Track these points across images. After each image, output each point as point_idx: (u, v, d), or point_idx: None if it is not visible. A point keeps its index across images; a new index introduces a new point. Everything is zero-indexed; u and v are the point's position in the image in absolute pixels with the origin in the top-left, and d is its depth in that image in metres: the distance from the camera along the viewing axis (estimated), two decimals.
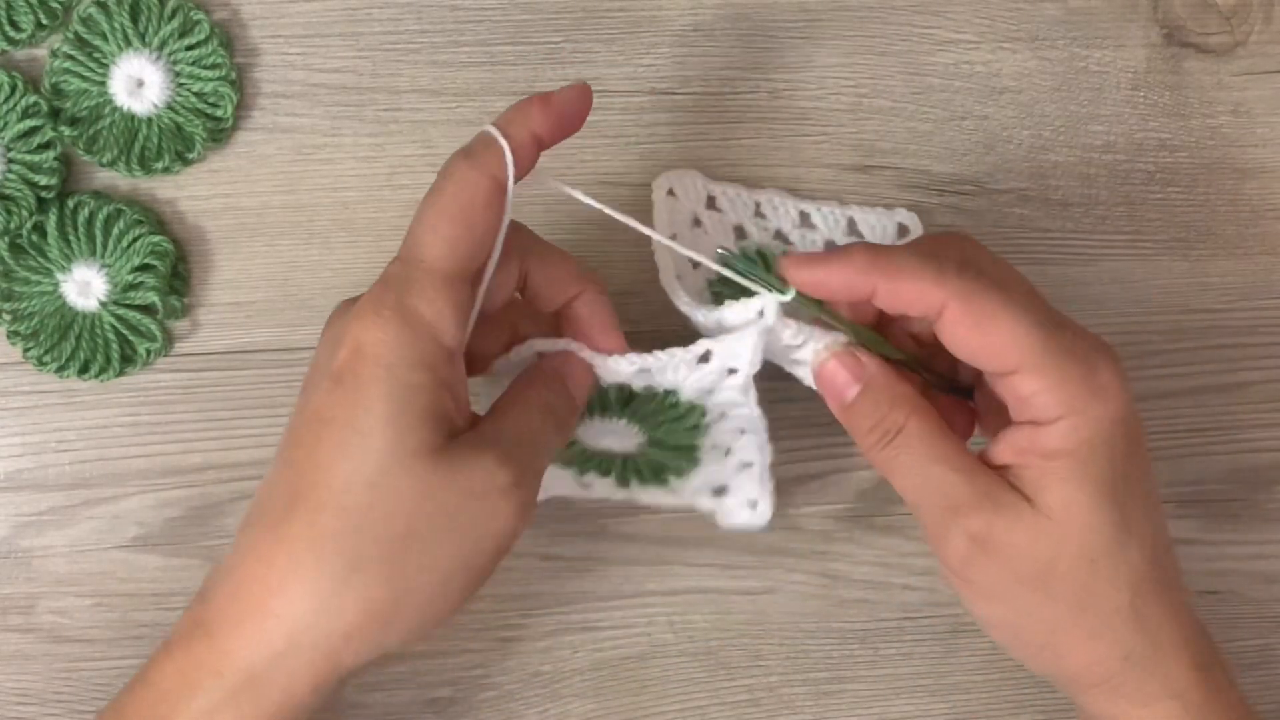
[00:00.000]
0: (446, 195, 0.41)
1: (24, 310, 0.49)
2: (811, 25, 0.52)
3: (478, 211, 0.41)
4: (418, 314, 0.40)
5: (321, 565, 0.39)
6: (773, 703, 0.53)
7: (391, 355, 0.40)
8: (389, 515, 0.39)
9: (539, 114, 0.42)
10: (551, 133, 0.42)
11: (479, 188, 0.41)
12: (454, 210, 0.41)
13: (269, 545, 0.40)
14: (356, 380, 0.40)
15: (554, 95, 0.42)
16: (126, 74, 0.49)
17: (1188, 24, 0.53)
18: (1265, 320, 0.54)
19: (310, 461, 0.40)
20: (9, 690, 0.50)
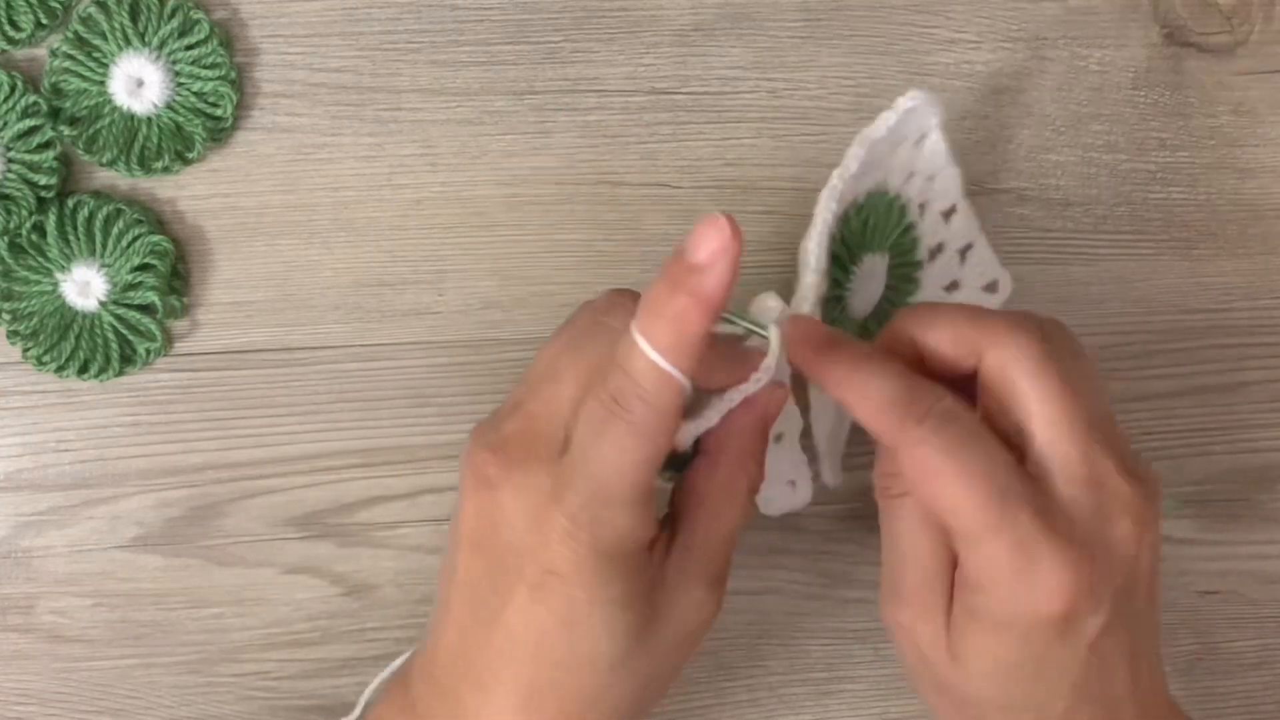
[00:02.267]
0: (628, 442, 0.38)
1: (23, 310, 0.49)
2: (811, 25, 0.52)
3: (663, 449, 0.39)
4: (616, 546, 0.39)
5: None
6: (773, 703, 0.53)
7: (594, 578, 0.39)
8: (622, 697, 0.41)
9: (697, 319, 0.37)
10: (712, 320, 0.37)
11: (664, 431, 0.39)
12: (640, 457, 0.39)
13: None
14: (563, 595, 0.39)
15: (703, 281, 0.36)
16: (126, 74, 0.49)
17: (1188, 24, 0.53)
18: (1265, 320, 0.54)
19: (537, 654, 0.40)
20: (9, 690, 0.50)
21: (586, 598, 0.39)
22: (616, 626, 0.40)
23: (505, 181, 0.51)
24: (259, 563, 0.51)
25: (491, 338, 0.51)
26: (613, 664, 0.40)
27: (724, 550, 0.42)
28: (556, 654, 0.40)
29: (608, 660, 0.40)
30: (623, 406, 0.38)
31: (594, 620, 0.39)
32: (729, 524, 0.42)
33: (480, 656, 0.41)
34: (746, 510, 0.43)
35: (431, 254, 0.51)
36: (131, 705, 0.51)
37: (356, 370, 0.51)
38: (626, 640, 0.40)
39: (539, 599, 0.39)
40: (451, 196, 0.51)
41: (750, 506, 0.43)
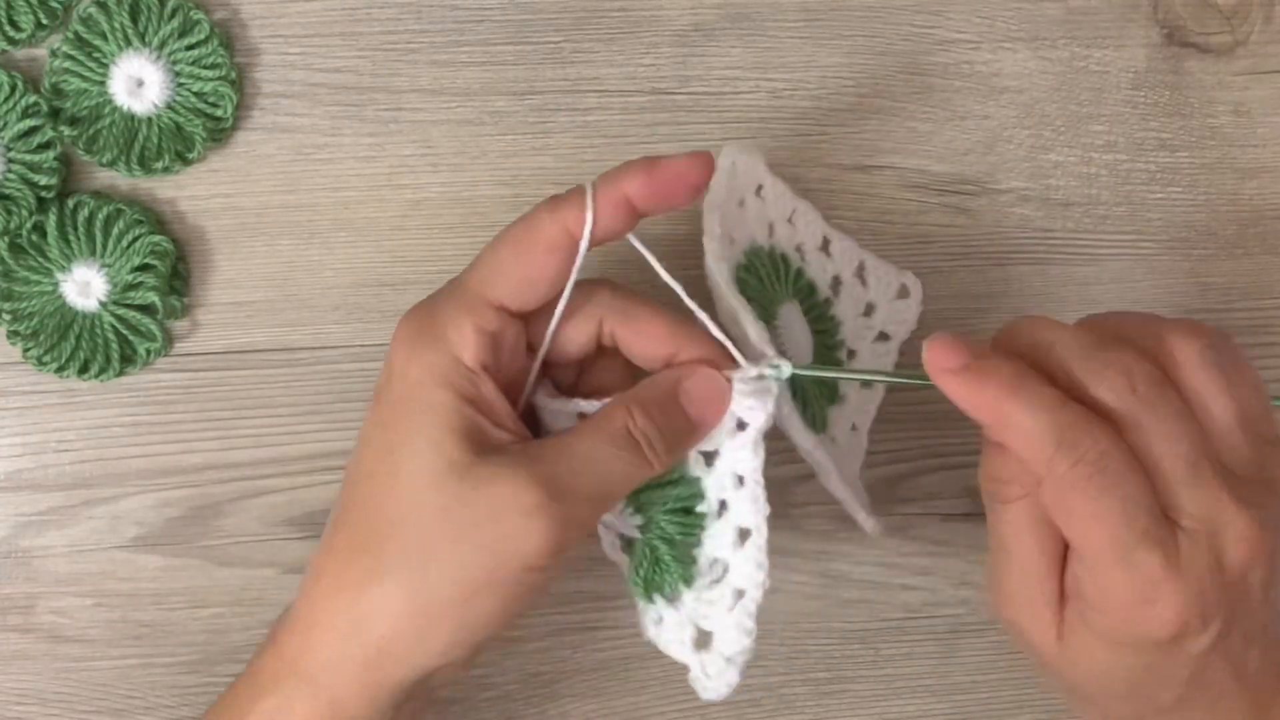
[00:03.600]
0: (513, 230, 0.42)
1: (24, 310, 0.49)
2: (811, 25, 0.52)
3: (537, 252, 0.42)
4: (441, 333, 0.41)
5: (355, 578, 0.41)
6: (773, 703, 0.53)
7: (414, 373, 0.41)
8: (412, 530, 0.40)
9: (639, 178, 0.41)
10: (650, 200, 0.42)
11: (544, 232, 0.41)
12: (512, 244, 0.42)
13: (322, 558, 0.42)
14: (388, 399, 0.41)
15: (661, 161, 0.42)
16: (126, 74, 0.49)
17: (1188, 24, 0.53)
18: (1265, 320, 0.54)
19: (354, 478, 0.42)
20: (9, 690, 0.50)
21: (407, 391, 0.41)
22: (428, 443, 0.40)
23: (505, 181, 0.51)
24: (259, 563, 0.51)
25: None
26: (417, 491, 0.40)
27: (579, 464, 0.41)
28: (369, 462, 0.41)
29: (416, 479, 0.40)
30: (527, 217, 0.42)
31: (412, 424, 0.40)
32: (586, 445, 0.41)
33: (347, 475, 0.43)
34: (612, 447, 0.41)
35: (431, 254, 0.51)
36: (131, 705, 0.51)
37: (357, 370, 0.51)
38: (436, 472, 0.40)
39: (376, 397, 0.42)
40: (451, 196, 0.51)
41: (621, 447, 0.41)
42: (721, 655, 0.43)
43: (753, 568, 0.42)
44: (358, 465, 0.42)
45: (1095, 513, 0.39)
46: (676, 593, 0.44)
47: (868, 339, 0.50)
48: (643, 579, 0.44)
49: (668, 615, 0.44)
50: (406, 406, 0.41)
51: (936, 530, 0.53)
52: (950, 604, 0.53)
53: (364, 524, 0.41)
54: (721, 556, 0.43)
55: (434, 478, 0.40)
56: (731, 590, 0.43)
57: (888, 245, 0.52)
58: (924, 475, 0.52)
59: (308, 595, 0.42)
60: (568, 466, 0.41)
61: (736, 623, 0.42)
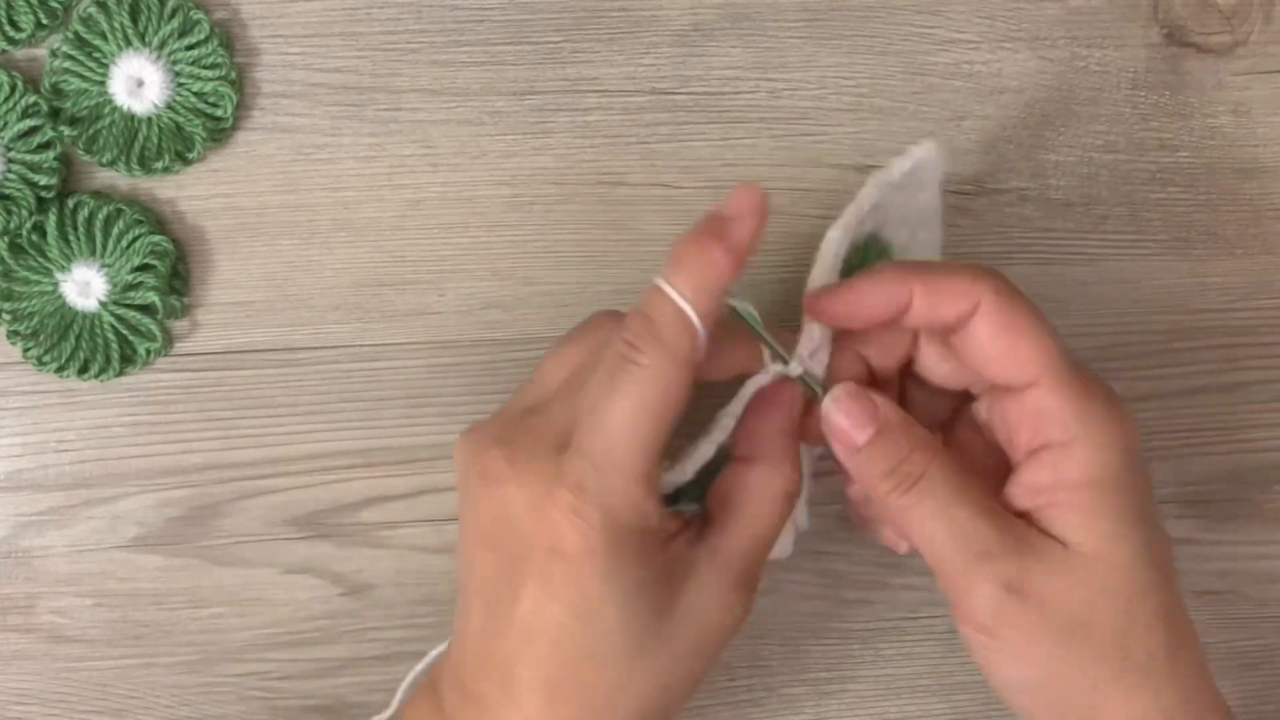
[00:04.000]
0: (640, 391, 0.38)
1: (24, 310, 0.49)
2: (811, 25, 0.52)
3: (676, 406, 0.39)
4: (624, 521, 0.39)
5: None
6: (773, 703, 0.53)
7: (604, 562, 0.39)
8: (644, 696, 0.40)
9: (724, 264, 0.38)
10: (737, 271, 0.39)
11: (679, 384, 0.38)
12: (652, 411, 0.38)
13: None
14: (573, 578, 0.39)
15: (732, 228, 0.38)
16: (126, 74, 0.49)
17: (1188, 24, 0.53)
18: (1265, 320, 0.54)
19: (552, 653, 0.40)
20: (9, 690, 0.50)
21: (598, 583, 0.38)
22: (631, 616, 0.39)
23: (505, 181, 0.51)
24: (259, 563, 0.51)
25: (491, 338, 0.51)
26: (632, 657, 0.39)
27: (756, 553, 0.41)
28: (572, 646, 0.39)
29: (626, 653, 0.39)
30: (638, 350, 0.38)
31: (607, 608, 0.39)
32: (763, 525, 0.41)
33: (499, 654, 0.40)
34: (783, 513, 0.42)
35: (431, 254, 0.51)
36: (131, 705, 0.51)
37: (357, 370, 0.51)
38: (643, 633, 0.39)
39: (549, 589, 0.39)
40: (451, 196, 0.51)
41: (787, 510, 0.42)
42: None
43: None
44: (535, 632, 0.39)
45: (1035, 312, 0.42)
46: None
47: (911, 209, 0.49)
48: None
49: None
50: (596, 593, 0.39)
51: None
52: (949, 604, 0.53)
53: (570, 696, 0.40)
54: None
55: (652, 645, 0.40)
56: None
57: None
58: None
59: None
60: (756, 558, 0.41)
61: None
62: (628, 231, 0.51)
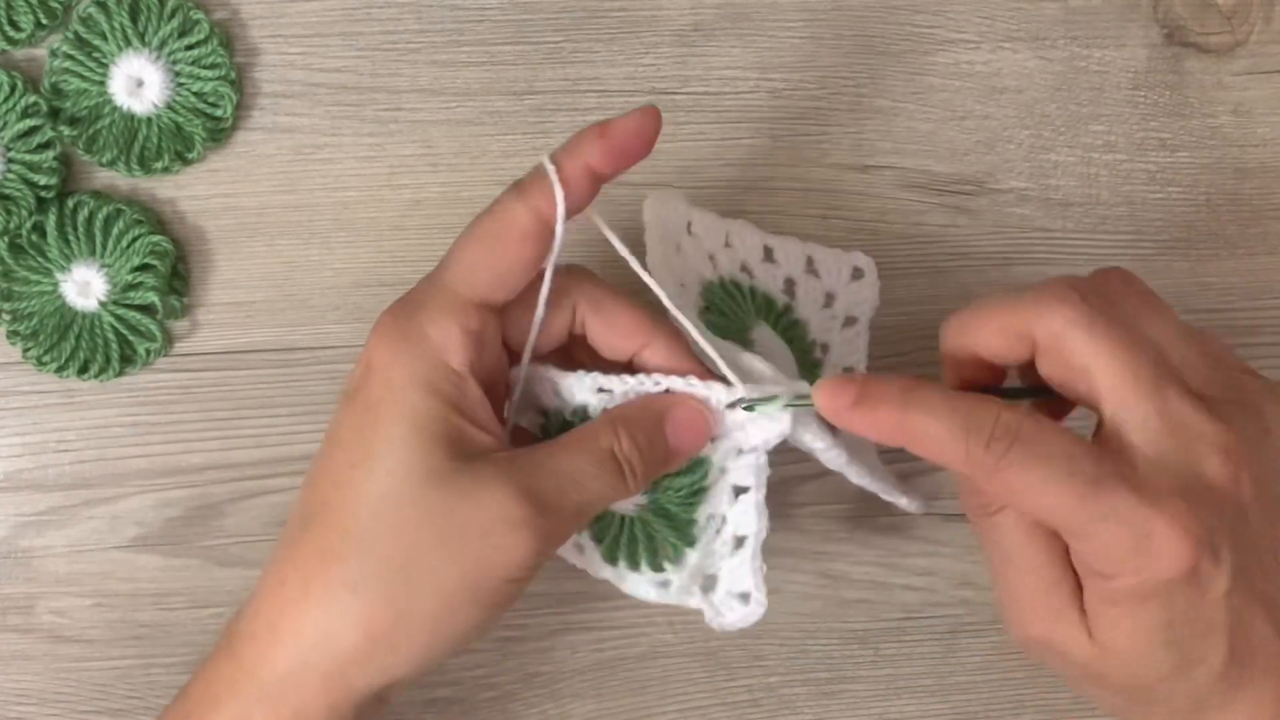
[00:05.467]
0: (484, 222, 0.41)
1: (24, 310, 0.49)
2: (811, 25, 0.52)
3: (512, 243, 0.41)
4: (425, 335, 0.40)
5: (325, 586, 0.40)
6: (773, 703, 0.53)
7: (397, 376, 0.40)
8: (390, 538, 0.39)
9: (597, 146, 0.41)
10: (611, 165, 0.41)
11: (518, 220, 0.41)
12: (486, 237, 0.41)
13: (284, 564, 0.41)
14: (366, 400, 0.40)
15: (613, 124, 0.41)
16: (126, 74, 0.49)
17: (1188, 24, 0.53)
18: (1266, 320, 0.54)
19: (324, 480, 0.41)
20: (9, 690, 0.50)
21: (388, 394, 0.40)
22: (409, 449, 0.39)
23: (505, 182, 0.50)
24: (259, 563, 0.51)
25: None
26: (400, 498, 0.39)
27: (565, 481, 0.41)
28: (343, 465, 0.40)
29: (398, 486, 0.39)
30: (498, 202, 0.41)
31: (393, 429, 0.39)
32: (570, 462, 0.41)
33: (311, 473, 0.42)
34: (596, 467, 0.41)
35: (431, 254, 0.51)
36: (131, 705, 0.51)
37: None
38: (418, 479, 0.39)
39: (351, 397, 0.40)
40: (451, 196, 0.51)
41: (603, 468, 0.41)
42: (731, 593, 0.44)
43: (753, 515, 0.43)
44: (327, 467, 0.41)
45: (1042, 481, 0.38)
46: (682, 554, 0.44)
47: (835, 329, 0.50)
48: (646, 550, 0.44)
49: (675, 577, 0.44)
50: (387, 410, 0.40)
51: (936, 530, 0.53)
52: (950, 604, 0.53)
53: (337, 529, 0.40)
54: (718, 512, 0.44)
55: (416, 486, 0.39)
56: (732, 537, 0.44)
57: (888, 245, 0.52)
58: (924, 475, 0.52)
59: (270, 600, 0.41)
60: (554, 483, 0.40)
61: (743, 562, 0.43)
62: (628, 232, 0.51)
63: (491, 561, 0.40)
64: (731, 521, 0.44)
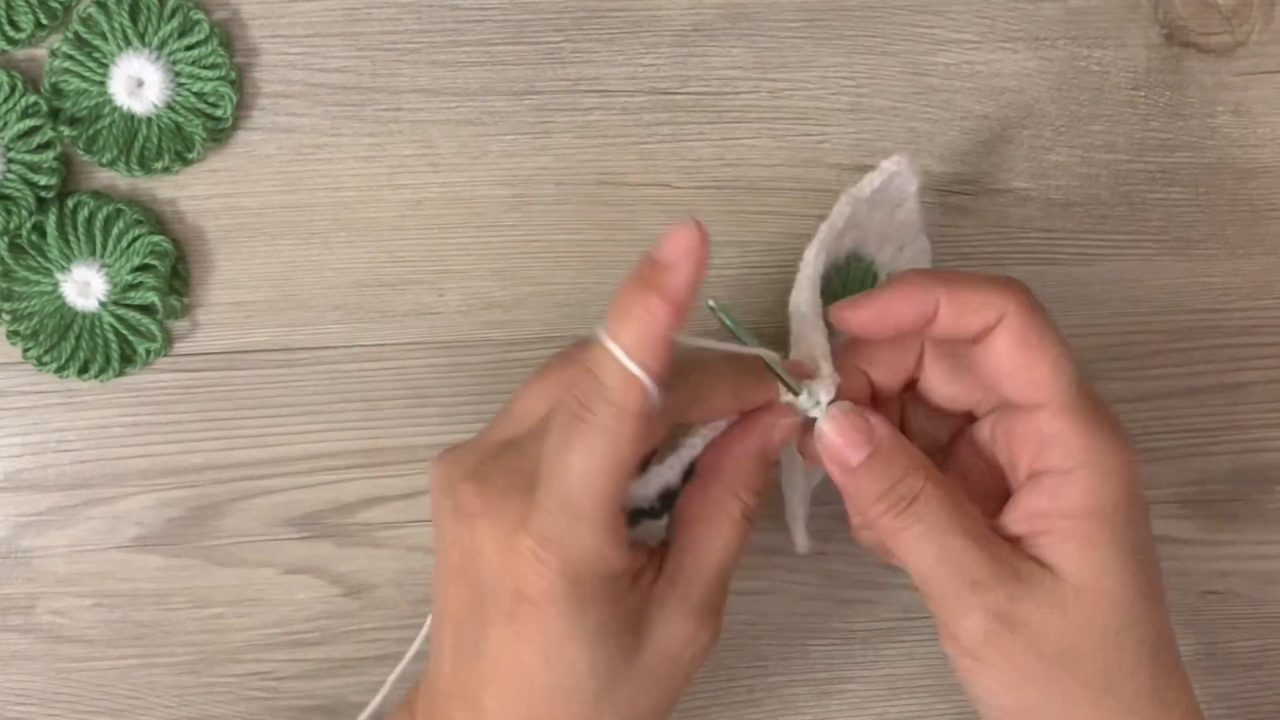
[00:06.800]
0: (592, 447, 0.38)
1: (24, 310, 0.49)
2: (811, 25, 0.52)
3: (632, 458, 0.38)
4: (586, 568, 0.38)
5: None
6: (773, 703, 0.53)
7: (567, 606, 0.38)
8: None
9: (664, 315, 0.36)
10: (680, 318, 0.37)
11: (631, 437, 0.37)
12: (606, 466, 0.38)
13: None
14: (537, 621, 0.39)
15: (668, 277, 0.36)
16: (126, 74, 0.49)
17: (1188, 24, 0.53)
18: (1266, 320, 0.54)
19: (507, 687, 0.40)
20: (9, 690, 0.50)
21: (564, 627, 0.38)
22: (597, 657, 0.39)
23: (505, 181, 0.51)
24: (259, 563, 0.51)
25: (491, 338, 0.51)
26: (598, 695, 0.39)
27: (714, 579, 0.41)
28: (538, 684, 0.39)
29: (592, 691, 0.39)
30: (588, 409, 0.37)
31: (572, 650, 0.39)
32: (718, 551, 0.41)
33: (469, 685, 0.40)
34: (738, 537, 0.41)
35: (431, 254, 0.51)
36: (131, 705, 0.51)
37: (357, 370, 0.51)
38: (610, 672, 0.39)
39: (516, 629, 0.39)
40: (451, 196, 0.51)
41: (744, 534, 0.41)
42: None
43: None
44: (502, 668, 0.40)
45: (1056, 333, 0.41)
46: None
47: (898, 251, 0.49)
48: None
49: None
50: (562, 635, 0.39)
51: None
52: None
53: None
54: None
55: (616, 683, 0.40)
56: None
57: None
58: None
59: None
60: (715, 584, 0.41)
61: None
62: (628, 231, 0.51)
63: (685, 675, 0.41)
64: None
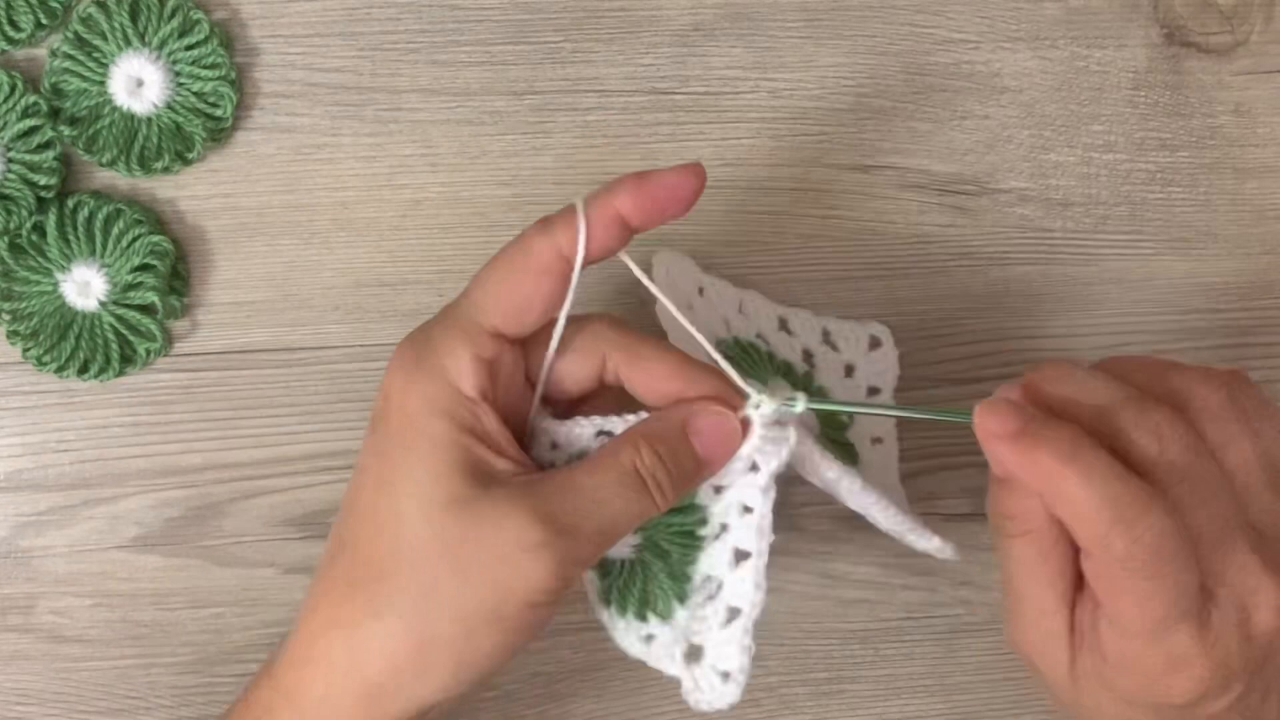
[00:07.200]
0: (506, 252, 0.41)
1: (24, 310, 0.49)
2: (811, 25, 0.52)
3: (530, 275, 0.40)
4: (439, 362, 0.40)
5: (351, 614, 0.40)
6: (773, 703, 0.53)
7: (412, 404, 0.40)
8: (411, 566, 0.39)
9: (629, 194, 0.40)
10: (642, 216, 0.40)
11: (539, 255, 0.40)
12: (505, 267, 0.41)
13: (318, 592, 0.41)
14: (386, 429, 0.40)
15: (651, 176, 0.40)
16: (126, 74, 0.49)
17: (1188, 24, 0.53)
18: (1265, 320, 0.54)
19: (350, 510, 0.41)
20: (9, 690, 0.50)
21: (405, 422, 0.40)
22: (427, 476, 0.39)
23: (505, 181, 0.51)
24: (259, 563, 0.51)
25: None
26: (418, 526, 0.39)
27: (585, 501, 0.40)
28: (367, 493, 0.40)
29: (417, 514, 0.39)
30: (520, 241, 0.41)
31: (410, 457, 0.39)
32: (590, 488, 0.40)
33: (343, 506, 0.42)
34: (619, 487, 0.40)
35: (431, 254, 0.51)
36: (131, 705, 0.51)
37: (357, 370, 0.51)
38: (436, 507, 0.39)
39: (373, 426, 0.41)
40: (451, 196, 0.51)
41: (629, 488, 0.40)
42: (715, 669, 0.42)
43: (750, 587, 0.41)
44: (355, 497, 0.41)
45: (1145, 593, 0.38)
46: (670, 610, 0.43)
47: (860, 399, 0.50)
48: (636, 597, 0.43)
49: (660, 633, 0.43)
50: (404, 438, 0.40)
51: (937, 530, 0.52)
52: (950, 604, 0.53)
53: (362, 557, 0.40)
54: (716, 574, 0.42)
55: (434, 512, 0.39)
56: (726, 608, 0.42)
57: (887, 245, 0.52)
58: (924, 475, 0.52)
59: (305, 627, 0.41)
60: (573, 504, 0.40)
61: (732, 638, 0.42)
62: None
63: (510, 586, 0.39)
64: (728, 589, 0.42)
